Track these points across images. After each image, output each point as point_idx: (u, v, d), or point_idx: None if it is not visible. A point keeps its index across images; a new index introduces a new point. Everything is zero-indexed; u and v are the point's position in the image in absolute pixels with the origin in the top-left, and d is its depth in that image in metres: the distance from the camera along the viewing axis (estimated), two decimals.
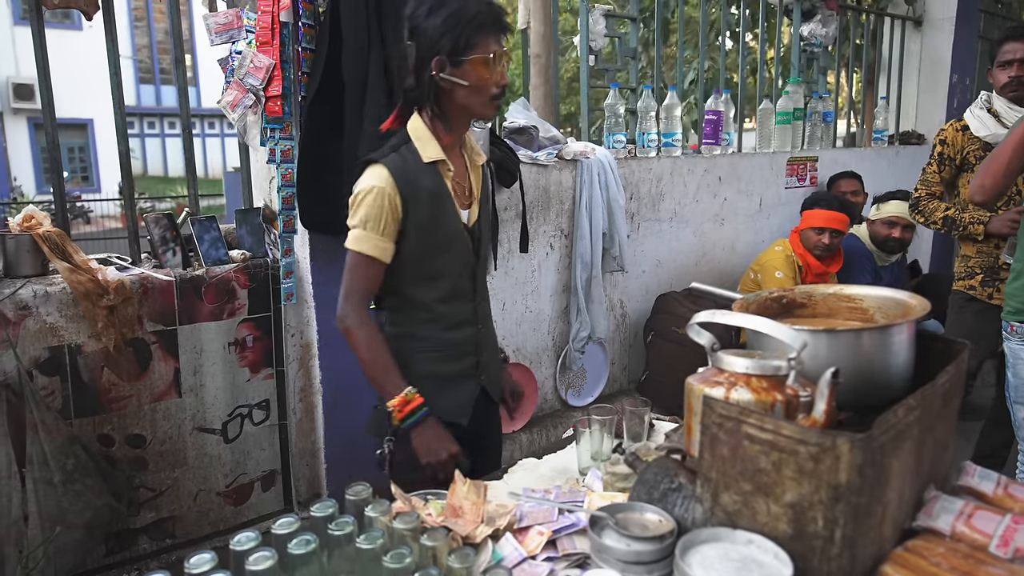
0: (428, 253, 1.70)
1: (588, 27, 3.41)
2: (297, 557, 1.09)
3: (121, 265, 2.19)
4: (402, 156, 1.66)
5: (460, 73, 1.59)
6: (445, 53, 1.57)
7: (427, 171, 1.66)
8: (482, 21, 1.57)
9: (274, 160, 2.25)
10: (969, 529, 1.06)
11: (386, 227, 1.63)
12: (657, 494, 1.16)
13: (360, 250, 1.64)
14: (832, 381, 1.01)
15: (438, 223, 1.69)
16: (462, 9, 1.56)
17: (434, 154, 1.67)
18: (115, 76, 2.18)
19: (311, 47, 2.20)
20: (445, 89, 1.62)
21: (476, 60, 1.58)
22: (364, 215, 1.62)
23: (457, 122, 1.69)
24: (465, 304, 1.80)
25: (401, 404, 1.62)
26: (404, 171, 1.64)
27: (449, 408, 1.79)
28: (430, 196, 1.67)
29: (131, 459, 2.17)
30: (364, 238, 1.63)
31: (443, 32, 1.56)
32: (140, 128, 22.37)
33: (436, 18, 1.57)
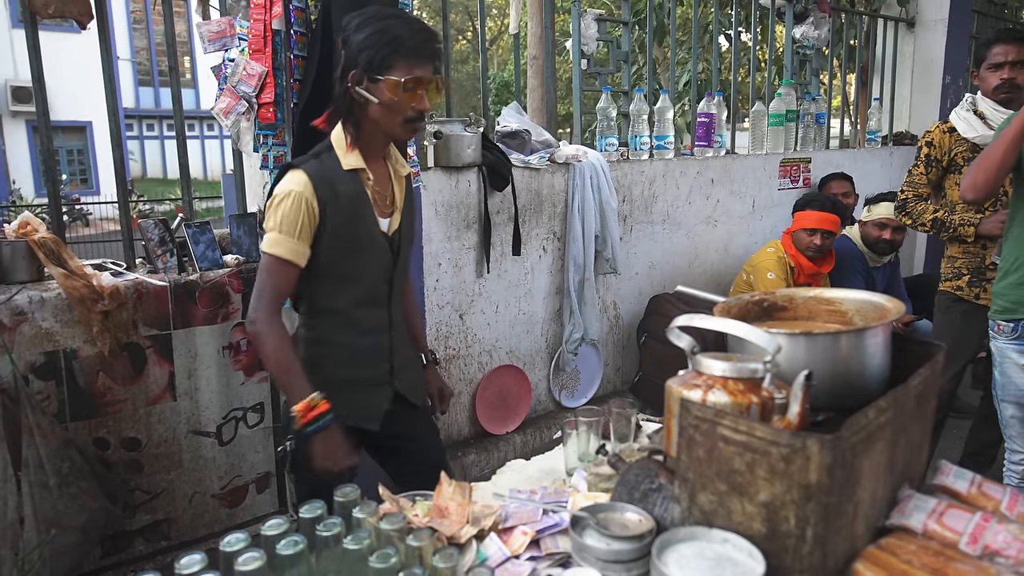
0: (344, 256, 1.72)
1: (580, 31, 3.44)
2: (286, 558, 1.11)
3: (116, 270, 2.22)
4: (322, 162, 1.69)
5: (374, 90, 1.63)
6: (362, 68, 1.61)
7: (346, 177, 1.69)
8: (401, 45, 1.60)
9: (267, 166, 2.27)
10: (940, 527, 1.09)
11: (301, 231, 1.65)
12: (638, 494, 1.18)
13: (275, 253, 1.65)
14: (805, 383, 1.04)
15: (354, 227, 1.71)
16: (386, 29, 1.60)
17: (355, 163, 1.70)
18: (109, 83, 2.20)
19: (303, 54, 2.22)
20: (359, 102, 1.66)
21: (391, 81, 1.61)
22: (280, 219, 1.64)
23: (369, 136, 1.71)
24: (380, 310, 1.82)
25: (305, 409, 1.62)
26: (323, 176, 1.67)
27: (360, 413, 1.82)
28: (348, 201, 1.69)
29: (126, 462, 2.19)
30: (279, 241, 1.65)
31: (363, 47, 1.60)
32: (139, 130, 22.41)
33: (361, 33, 1.61)
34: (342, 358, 1.78)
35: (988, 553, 1.04)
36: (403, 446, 1.89)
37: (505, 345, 3.10)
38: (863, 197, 4.09)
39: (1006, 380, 2.35)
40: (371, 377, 1.83)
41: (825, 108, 4.79)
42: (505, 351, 3.11)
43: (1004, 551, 1.04)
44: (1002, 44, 2.78)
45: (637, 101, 3.53)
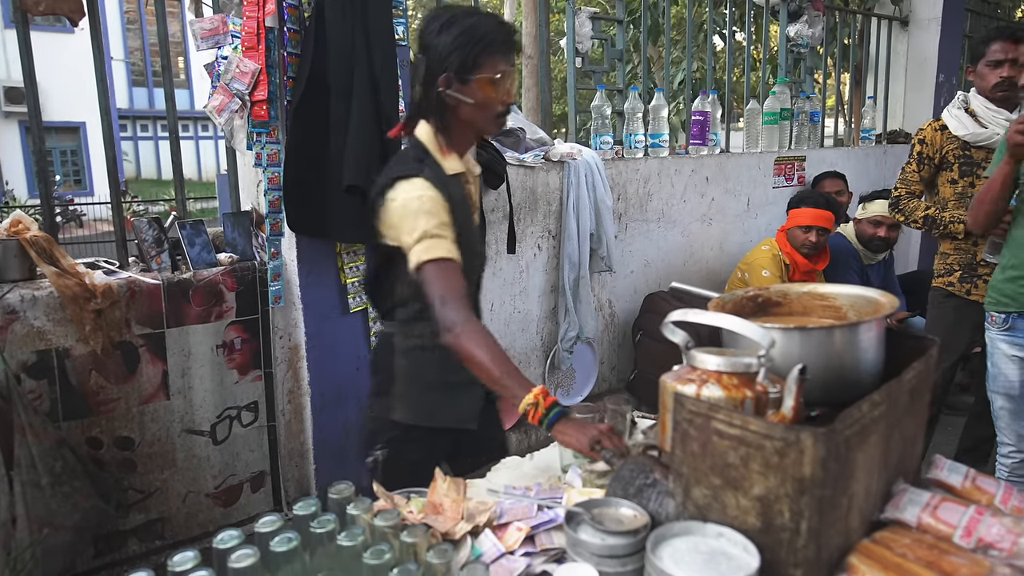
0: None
1: (574, 29, 3.44)
2: (279, 555, 1.11)
3: (108, 269, 2.21)
4: (430, 168, 1.64)
5: (466, 91, 1.60)
6: (452, 70, 1.58)
7: (451, 182, 1.66)
8: (491, 40, 1.57)
9: (261, 164, 2.27)
10: (935, 520, 1.09)
11: (448, 229, 1.58)
12: (633, 490, 1.18)
13: (439, 256, 1.55)
14: (799, 377, 1.04)
15: (465, 231, 1.67)
16: (473, 28, 1.57)
17: (455, 167, 1.67)
18: (101, 82, 2.19)
19: (296, 52, 2.22)
20: (450, 105, 1.62)
21: (483, 79, 1.58)
22: (426, 224, 1.55)
23: (461, 137, 1.69)
24: (475, 309, 1.80)
25: (542, 395, 1.47)
26: (439, 181, 1.62)
27: (460, 415, 1.79)
28: (459, 204, 1.66)
29: (119, 461, 2.18)
30: (436, 245, 1.56)
31: (452, 50, 1.57)
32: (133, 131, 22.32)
33: (447, 35, 1.57)
34: (442, 362, 1.68)
35: (982, 546, 1.05)
36: (489, 444, 1.86)
37: (500, 343, 3.10)
38: (857, 195, 4.10)
39: (996, 371, 2.39)
40: (467, 378, 1.68)
41: (819, 106, 4.79)
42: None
43: (998, 544, 1.04)
44: (1002, 42, 2.76)
45: (632, 99, 3.53)
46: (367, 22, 2.21)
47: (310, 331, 2.43)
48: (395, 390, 1.78)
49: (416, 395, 1.75)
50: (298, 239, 2.36)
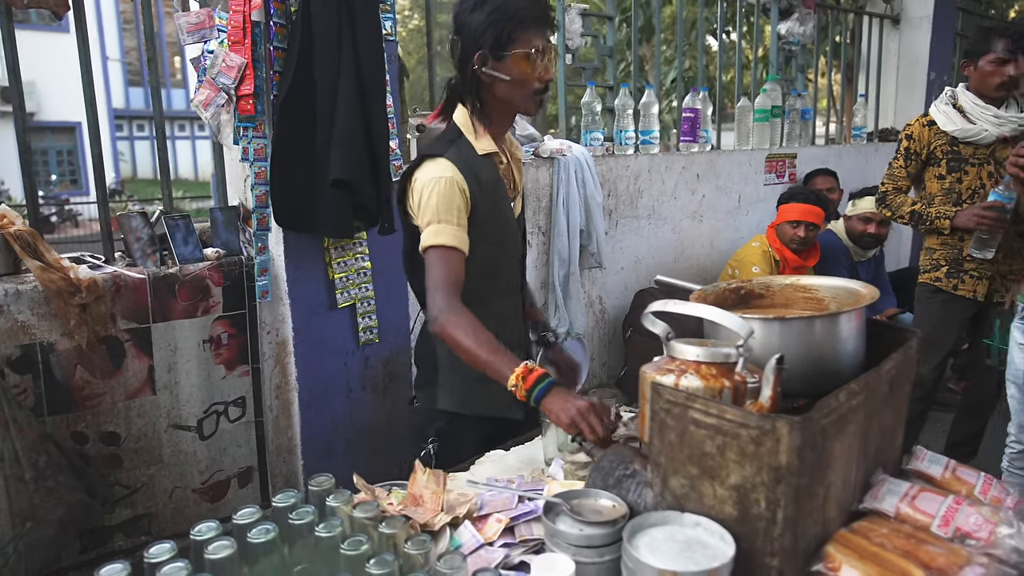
0: (488, 244, 1.66)
1: (564, 26, 3.43)
2: (257, 546, 1.10)
3: (94, 263, 2.20)
4: (459, 148, 1.63)
5: (502, 67, 1.58)
6: (487, 47, 1.57)
7: (483, 163, 1.64)
8: (525, 15, 1.56)
9: (247, 158, 2.26)
10: (913, 510, 1.09)
11: (460, 216, 1.57)
12: (612, 480, 1.18)
13: (441, 243, 1.55)
14: (777, 367, 1.04)
15: (498, 215, 1.66)
16: (506, 4, 1.55)
17: (488, 147, 1.66)
18: (86, 75, 2.18)
19: (283, 46, 2.21)
20: (487, 83, 1.61)
21: (518, 55, 1.57)
22: (436, 207, 1.56)
23: (499, 116, 1.68)
24: (515, 298, 1.78)
25: (524, 372, 1.44)
26: (465, 162, 1.61)
27: (506, 403, 1.74)
28: (490, 186, 1.64)
29: (105, 456, 2.17)
30: (442, 230, 1.55)
31: (486, 26, 1.56)
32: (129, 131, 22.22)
33: (480, 13, 1.56)
34: None
35: (959, 535, 1.05)
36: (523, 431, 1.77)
37: None
38: (848, 192, 4.11)
39: (1011, 360, 2.41)
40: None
41: (811, 104, 4.80)
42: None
43: (975, 533, 1.04)
44: (1008, 39, 2.71)
45: (622, 96, 3.53)
46: (354, 17, 2.20)
47: (298, 326, 2.42)
48: (440, 379, 1.75)
49: (460, 384, 1.71)
50: (285, 234, 2.35)
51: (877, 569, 0.97)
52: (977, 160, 2.80)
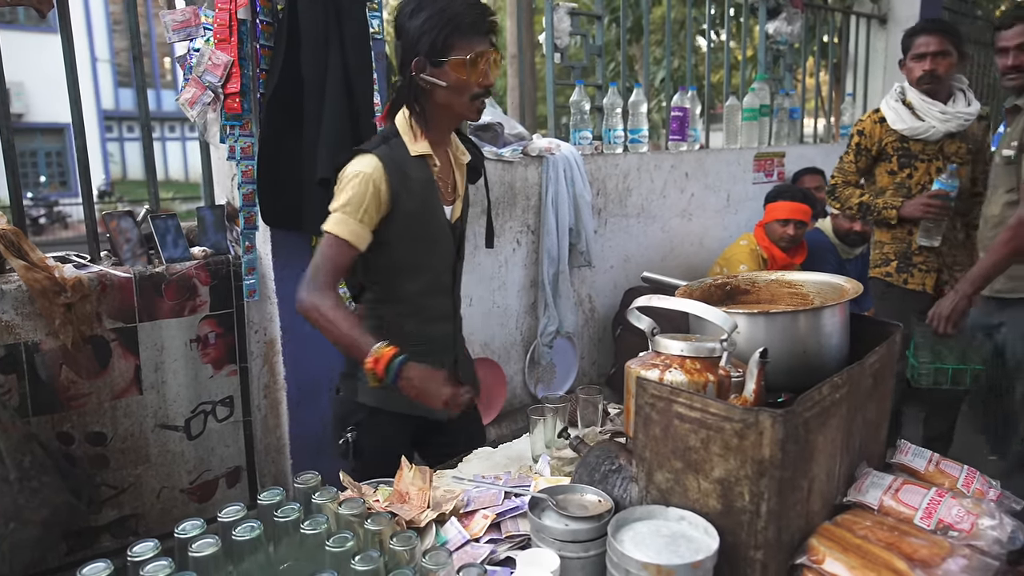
0: (416, 244, 1.69)
1: (553, 25, 3.44)
2: (242, 543, 1.10)
3: (79, 263, 2.18)
4: (391, 147, 1.66)
5: (439, 74, 1.60)
6: (424, 54, 1.58)
7: (415, 163, 1.67)
8: (461, 22, 1.57)
9: (234, 157, 2.25)
10: (896, 503, 1.10)
11: (366, 214, 1.61)
12: (598, 475, 1.18)
13: (337, 232, 1.61)
14: (760, 361, 1.04)
15: (426, 215, 1.69)
16: (442, 11, 1.56)
17: (422, 149, 1.68)
18: (71, 75, 2.17)
19: (270, 44, 2.20)
20: (425, 89, 1.63)
21: (455, 61, 1.58)
22: (346, 199, 1.61)
23: (438, 121, 1.69)
24: (445, 299, 1.80)
25: (374, 361, 1.53)
26: (393, 161, 1.64)
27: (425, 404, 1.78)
28: (419, 187, 1.67)
29: (91, 457, 2.16)
30: (343, 221, 1.61)
31: (422, 33, 1.57)
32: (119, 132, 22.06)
33: (417, 19, 1.57)
34: (410, 347, 1.68)
35: (942, 527, 1.06)
36: (456, 439, 1.82)
37: (480, 338, 3.10)
38: None
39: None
40: (437, 366, 1.73)
41: (799, 103, 4.82)
42: (480, 344, 3.10)
43: (957, 525, 1.05)
44: (926, 35, 2.81)
45: (611, 95, 3.54)
46: (341, 15, 2.19)
47: (285, 325, 2.41)
48: (361, 372, 1.77)
49: None
50: (272, 232, 2.35)
51: (860, 561, 0.97)
52: (927, 156, 2.86)
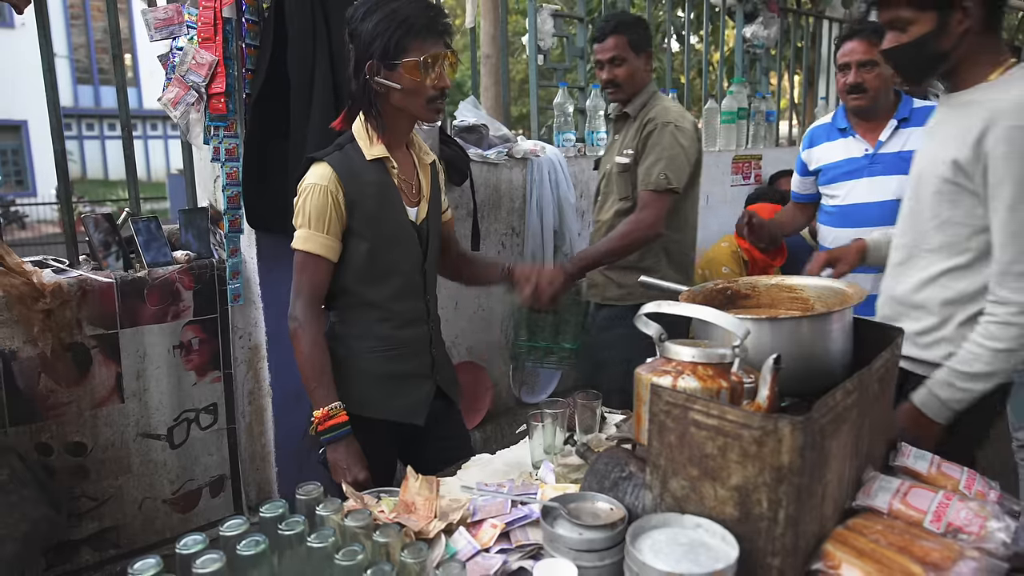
0: (377, 249, 1.70)
1: (536, 27, 3.43)
2: (247, 559, 1.07)
3: (58, 267, 2.12)
4: (345, 153, 1.67)
5: (393, 76, 1.60)
6: (377, 57, 1.58)
7: (371, 168, 1.67)
8: (413, 24, 1.57)
9: (218, 159, 2.20)
10: (905, 506, 1.11)
11: (330, 225, 1.64)
12: (608, 483, 1.17)
13: (306, 249, 1.65)
14: (774, 367, 1.04)
15: (385, 218, 1.69)
16: (394, 13, 1.56)
17: (377, 152, 1.67)
18: (49, 73, 2.10)
19: (255, 44, 2.16)
20: (380, 92, 1.63)
21: (408, 63, 1.58)
22: (307, 213, 1.63)
23: (395, 124, 1.69)
24: (416, 301, 1.80)
25: (324, 417, 1.63)
26: (347, 167, 1.65)
27: (404, 408, 1.78)
28: (375, 191, 1.67)
29: (71, 468, 2.09)
30: (309, 237, 1.64)
31: (375, 36, 1.57)
32: (78, 130, 21.58)
33: (369, 21, 1.57)
34: (383, 352, 1.75)
35: (951, 530, 1.07)
36: (444, 445, 1.83)
37: (464, 342, 3.08)
38: None
39: None
40: (414, 370, 1.79)
41: (775, 106, 4.88)
42: (465, 348, 3.08)
43: (966, 528, 1.06)
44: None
45: (593, 97, 3.54)
46: (328, 14, 2.16)
47: (271, 330, 2.37)
48: (336, 379, 1.77)
49: (355, 384, 1.74)
50: (258, 236, 2.30)
51: (875, 566, 0.98)
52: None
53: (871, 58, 2.34)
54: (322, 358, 1.66)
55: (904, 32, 1.53)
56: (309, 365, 1.65)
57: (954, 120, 1.54)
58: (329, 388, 1.66)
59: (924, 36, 1.51)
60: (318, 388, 1.65)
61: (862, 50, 2.36)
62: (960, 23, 1.49)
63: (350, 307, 1.77)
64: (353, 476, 1.62)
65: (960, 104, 1.54)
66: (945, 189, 1.53)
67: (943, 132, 1.57)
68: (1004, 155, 1.41)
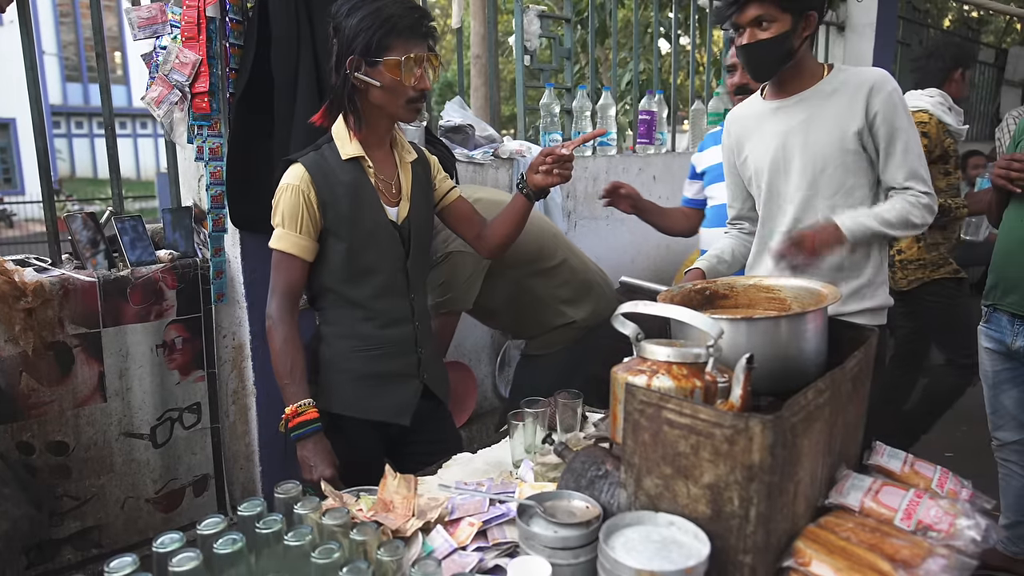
0: (354, 248, 1.70)
1: (523, 27, 3.44)
2: (223, 557, 1.08)
3: (40, 266, 2.11)
4: (321, 154, 1.69)
5: (374, 73, 1.62)
6: (359, 52, 1.60)
7: (346, 167, 1.68)
8: (397, 23, 1.59)
9: (202, 158, 2.20)
10: (876, 504, 1.12)
11: (303, 225, 1.66)
12: (584, 481, 1.18)
13: (281, 248, 1.68)
14: (747, 366, 1.05)
15: (360, 218, 1.70)
16: (379, 10, 1.58)
17: (353, 151, 1.69)
18: (32, 71, 2.09)
19: (239, 43, 2.16)
20: (360, 88, 1.65)
21: (390, 62, 1.60)
22: (282, 213, 1.66)
23: (373, 122, 1.70)
24: (400, 300, 1.80)
25: (293, 413, 1.64)
26: (321, 168, 1.67)
27: (389, 408, 1.79)
28: (348, 191, 1.68)
29: (53, 467, 2.08)
30: (283, 236, 1.67)
31: (358, 31, 1.58)
32: (67, 128, 21.47)
33: (354, 17, 1.59)
34: (368, 351, 1.76)
35: (921, 528, 1.08)
36: (433, 447, 1.81)
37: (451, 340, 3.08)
38: None
39: (980, 362, 2.44)
40: (400, 370, 1.80)
41: None
42: (451, 347, 3.08)
43: (936, 525, 1.08)
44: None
45: (580, 98, 3.55)
46: (312, 14, 2.16)
47: (255, 329, 2.37)
48: (320, 379, 1.78)
49: (341, 384, 1.76)
50: (242, 235, 2.30)
51: (846, 563, 0.99)
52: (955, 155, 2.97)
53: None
54: (295, 355, 1.67)
55: (764, 30, 1.77)
56: (281, 362, 1.67)
57: (828, 106, 1.82)
58: (300, 385, 1.67)
59: (783, 34, 1.76)
60: (289, 385, 1.67)
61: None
62: (805, 29, 1.79)
63: (333, 307, 1.78)
64: (319, 473, 1.62)
65: (824, 94, 1.83)
66: (850, 160, 1.82)
67: (822, 116, 1.83)
68: (891, 112, 1.77)
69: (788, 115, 1.88)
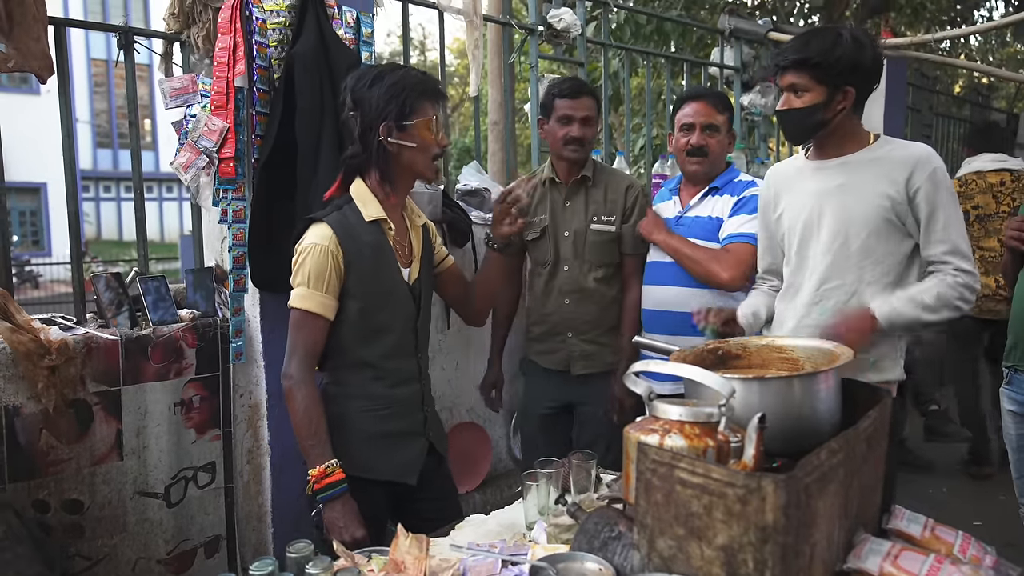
0: (371, 308, 1.74)
1: (539, 95, 3.54)
2: None
3: (65, 325, 2.16)
4: (343, 214, 1.74)
5: (406, 136, 1.71)
6: (392, 119, 1.69)
7: (368, 228, 1.74)
8: (422, 89, 1.72)
9: (226, 220, 2.26)
10: (896, 569, 1.10)
11: (329, 284, 1.69)
12: (598, 543, 1.17)
13: (304, 307, 1.70)
14: (759, 426, 1.06)
15: (380, 278, 1.75)
16: (403, 79, 1.70)
17: (375, 213, 1.75)
18: (67, 138, 2.19)
19: (265, 111, 2.25)
20: (392, 152, 1.73)
21: (420, 123, 1.71)
22: (307, 272, 1.69)
23: (402, 182, 1.80)
24: (409, 360, 1.83)
25: (320, 475, 1.64)
26: (346, 228, 1.71)
27: (397, 467, 1.79)
28: (372, 252, 1.73)
29: (67, 526, 2.08)
30: (308, 296, 1.69)
31: (388, 99, 1.68)
32: (95, 192, 22.16)
33: (380, 87, 1.69)
34: (377, 411, 1.78)
35: None
36: (436, 504, 1.84)
37: (466, 402, 3.08)
38: None
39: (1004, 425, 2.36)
40: (406, 428, 1.82)
41: None
42: (465, 408, 3.08)
43: None
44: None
45: None
46: (335, 86, 2.25)
47: (272, 389, 2.39)
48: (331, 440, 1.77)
49: (350, 445, 1.75)
50: (262, 295, 2.34)
51: None
52: None
53: (714, 122, 2.41)
54: (317, 416, 1.68)
55: (799, 97, 1.84)
56: (305, 423, 1.67)
57: (868, 173, 1.86)
58: (325, 446, 1.67)
59: (815, 104, 1.83)
60: (315, 446, 1.66)
61: (706, 112, 2.41)
62: (840, 102, 1.83)
63: (343, 367, 1.80)
64: (351, 535, 1.61)
65: (864, 162, 1.88)
66: (883, 228, 1.85)
67: (860, 182, 1.86)
68: (933, 190, 1.80)
69: (827, 177, 1.92)
